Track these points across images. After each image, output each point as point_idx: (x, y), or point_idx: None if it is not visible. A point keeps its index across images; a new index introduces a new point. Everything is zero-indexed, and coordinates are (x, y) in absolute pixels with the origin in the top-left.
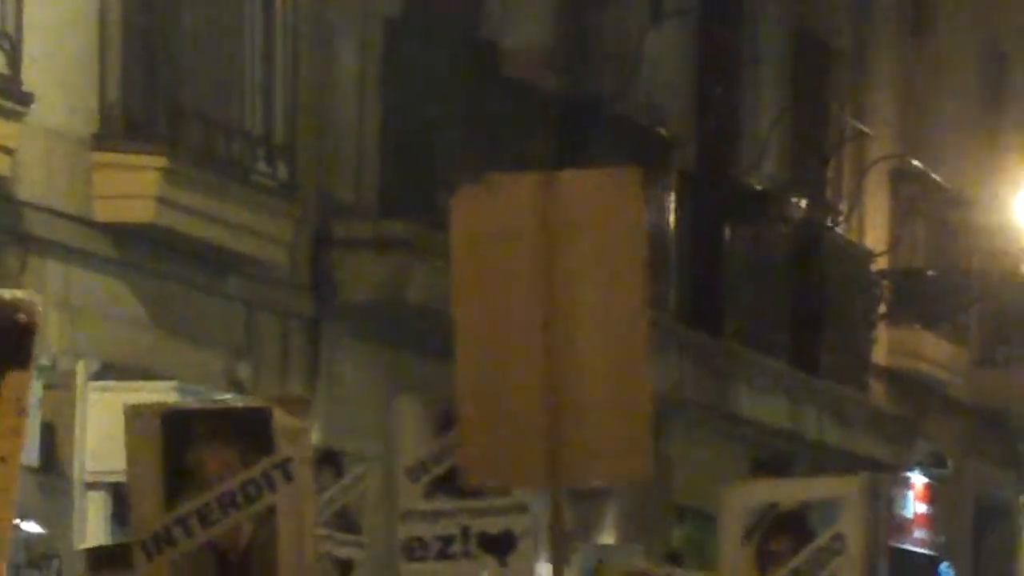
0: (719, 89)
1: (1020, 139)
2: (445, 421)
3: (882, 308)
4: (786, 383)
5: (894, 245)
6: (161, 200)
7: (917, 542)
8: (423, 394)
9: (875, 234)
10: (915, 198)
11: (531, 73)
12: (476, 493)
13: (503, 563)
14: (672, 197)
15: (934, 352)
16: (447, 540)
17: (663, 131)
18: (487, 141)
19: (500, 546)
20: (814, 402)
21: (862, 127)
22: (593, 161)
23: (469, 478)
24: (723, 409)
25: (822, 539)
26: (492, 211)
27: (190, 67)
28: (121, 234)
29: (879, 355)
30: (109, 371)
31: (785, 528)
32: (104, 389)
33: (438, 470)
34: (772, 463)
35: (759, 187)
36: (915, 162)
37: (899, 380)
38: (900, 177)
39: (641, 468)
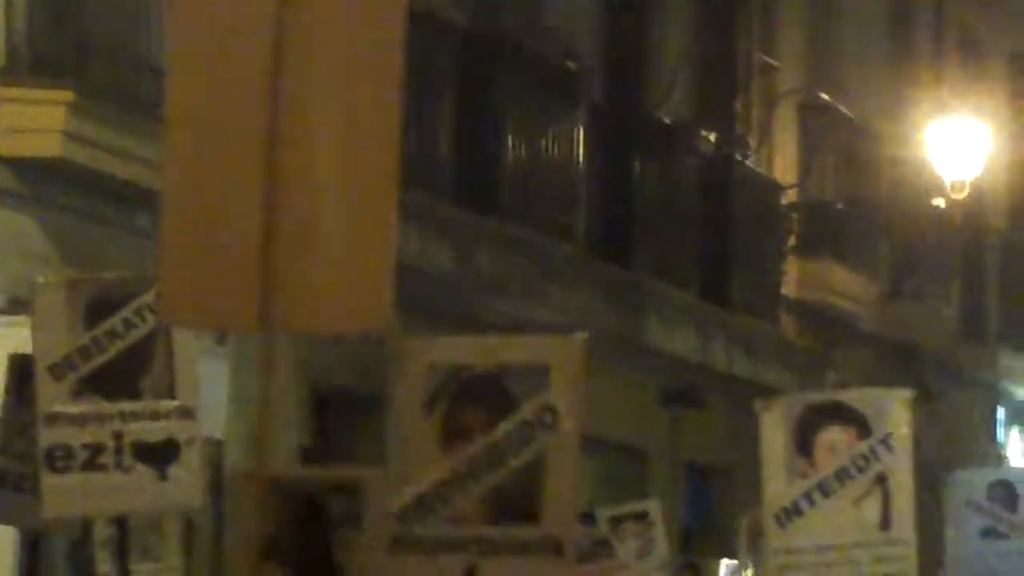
0: (628, 23)
1: (928, 72)
2: (97, 309)
3: (792, 241)
4: (696, 316)
5: (803, 178)
6: (68, 135)
7: None
8: (69, 275)
9: (784, 167)
10: (824, 131)
11: (438, 5)
12: (132, 394)
13: (163, 476)
14: (581, 131)
15: (843, 285)
16: (96, 448)
17: (571, 64)
18: None
19: (160, 456)
20: (724, 334)
21: (770, 61)
22: (500, 95)
23: (166, 317)
24: (633, 341)
25: (526, 410)
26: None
27: (96, 1)
28: (28, 169)
29: (789, 288)
30: (16, 307)
31: (479, 396)
32: (12, 324)
33: (87, 367)
34: (682, 394)
35: (668, 121)
36: (823, 95)
37: (809, 312)
38: (808, 110)
39: (375, 316)
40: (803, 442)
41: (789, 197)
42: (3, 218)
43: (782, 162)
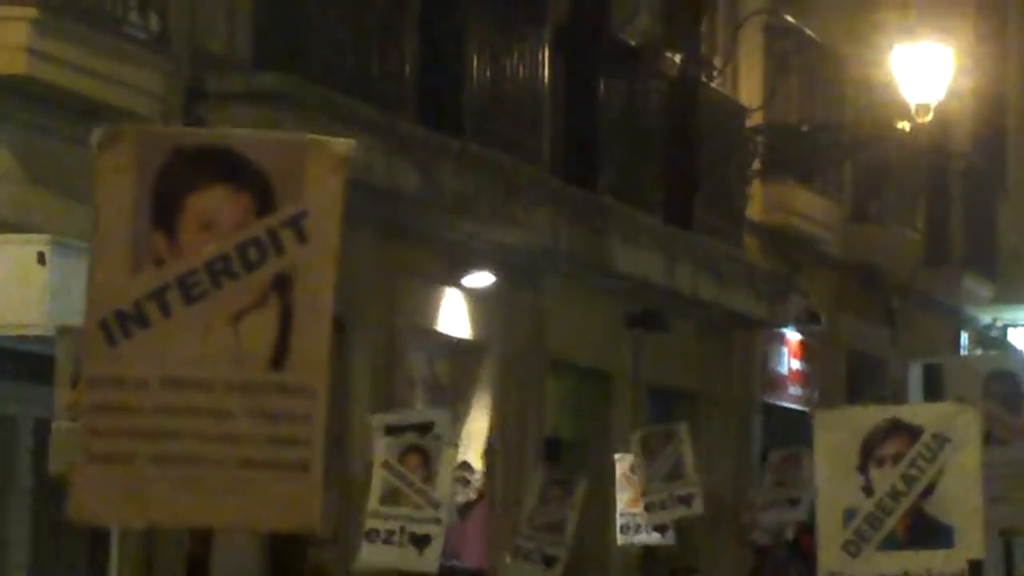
0: None
1: None
2: None
3: (756, 164)
4: (661, 238)
5: (768, 100)
6: (32, 51)
7: (791, 398)
8: None
9: (749, 90)
10: (789, 54)
11: None
12: None
13: None
14: (546, 52)
15: (808, 207)
16: None
17: None
18: None
19: None
20: (689, 258)
21: None
22: (466, 13)
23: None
24: (598, 264)
25: None
26: None
27: None
28: None
29: (753, 211)
30: None
31: None
32: None
33: None
34: (646, 317)
35: (633, 42)
36: (789, 17)
37: (773, 236)
38: (774, 32)
39: None
40: (167, 200)
41: (754, 119)
42: None
43: (747, 84)
